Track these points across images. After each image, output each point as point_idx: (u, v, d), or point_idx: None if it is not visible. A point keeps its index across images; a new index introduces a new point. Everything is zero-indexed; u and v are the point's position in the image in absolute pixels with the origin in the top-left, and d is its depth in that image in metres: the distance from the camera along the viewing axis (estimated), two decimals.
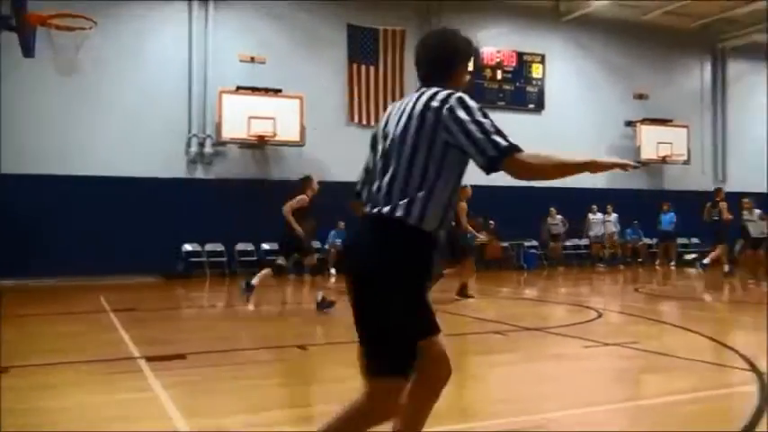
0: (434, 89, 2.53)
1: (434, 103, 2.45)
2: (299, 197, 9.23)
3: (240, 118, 15.44)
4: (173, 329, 8.18)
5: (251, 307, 9.41)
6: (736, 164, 21.45)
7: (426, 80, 2.64)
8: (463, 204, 10.58)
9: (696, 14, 20.01)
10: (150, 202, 14.72)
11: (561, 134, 19.31)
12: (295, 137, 15.99)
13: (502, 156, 2.36)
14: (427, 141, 2.44)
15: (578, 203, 17.89)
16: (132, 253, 14.09)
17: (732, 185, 19.08)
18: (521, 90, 19.37)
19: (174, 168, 15.62)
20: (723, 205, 13.85)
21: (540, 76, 19.64)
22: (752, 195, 14.70)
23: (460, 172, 2.53)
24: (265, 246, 16.18)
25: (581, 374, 5.63)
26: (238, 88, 15.69)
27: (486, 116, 2.43)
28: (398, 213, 2.42)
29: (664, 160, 20.07)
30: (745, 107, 22.13)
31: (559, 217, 18.02)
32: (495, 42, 18.97)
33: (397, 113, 2.59)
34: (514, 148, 2.37)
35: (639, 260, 19.23)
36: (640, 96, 20.51)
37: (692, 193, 20.26)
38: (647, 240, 19.47)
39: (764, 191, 17.59)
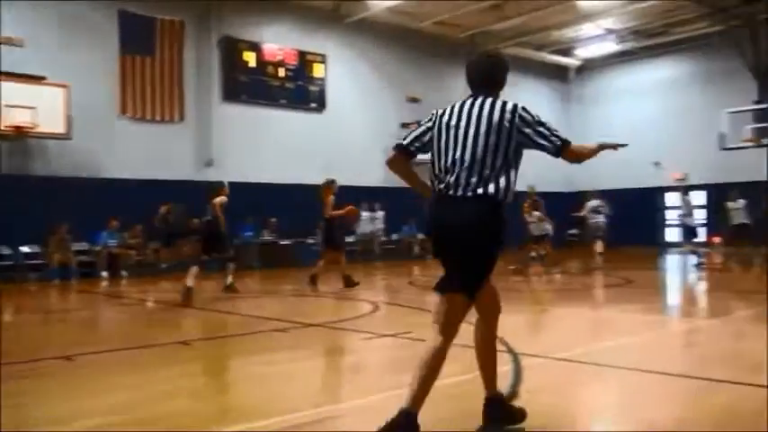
0: (499, 101, 3.50)
1: (507, 114, 3.42)
2: (225, 201, 10.54)
3: None
4: None
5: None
6: None
7: (479, 90, 3.62)
8: (332, 198, 11.49)
9: (464, 26, 21.71)
10: None
11: (342, 133, 19.88)
12: (60, 129, 14.66)
13: (564, 145, 3.40)
14: (505, 141, 3.40)
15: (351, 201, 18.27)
16: None
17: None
18: (303, 89, 19.57)
19: None
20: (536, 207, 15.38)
21: (322, 75, 20.00)
22: (539, 196, 16.09)
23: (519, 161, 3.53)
24: (25, 249, 14.70)
25: (360, 366, 5.85)
26: None
27: (542, 119, 3.45)
28: (492, 192, 3.37)
29: None
30: None
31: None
32: (276, 40, 18.99)
33: (467, 114, 3.52)
34: (569, 141, 3.42)
35: (417, 255, 20.38)
36: (413, 100, 21.68)
37: None
38: (420, 236, 20.69)
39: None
